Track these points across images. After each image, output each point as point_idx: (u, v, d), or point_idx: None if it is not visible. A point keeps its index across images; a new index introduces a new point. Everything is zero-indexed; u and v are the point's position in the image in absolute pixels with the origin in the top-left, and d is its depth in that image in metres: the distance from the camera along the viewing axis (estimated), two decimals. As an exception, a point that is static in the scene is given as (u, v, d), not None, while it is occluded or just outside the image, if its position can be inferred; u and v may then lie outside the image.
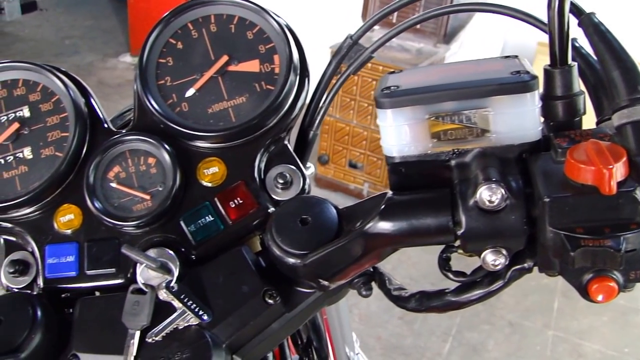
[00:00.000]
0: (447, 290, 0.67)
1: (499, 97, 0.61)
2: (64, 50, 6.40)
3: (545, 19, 0.64)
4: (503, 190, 0.56)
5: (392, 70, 0.74)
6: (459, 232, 0.58)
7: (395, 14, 0.81)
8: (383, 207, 0.62)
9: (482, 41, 4.12)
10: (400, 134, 0.63)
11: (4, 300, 0.71)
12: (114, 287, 0.75)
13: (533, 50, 3.70)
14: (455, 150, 0.63)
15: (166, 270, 0.68)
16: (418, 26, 3.14)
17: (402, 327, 3.08)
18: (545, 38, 0.63)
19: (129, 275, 0.74)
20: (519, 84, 0.60)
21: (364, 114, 3.75)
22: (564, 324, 3.13)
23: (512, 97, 0.61)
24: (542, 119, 0.64)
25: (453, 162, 0.63)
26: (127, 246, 0.67)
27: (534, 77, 0.61)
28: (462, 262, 0.65)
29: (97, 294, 0.77)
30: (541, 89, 0.64)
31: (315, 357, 1.02)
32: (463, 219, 0.58)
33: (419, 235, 0.61)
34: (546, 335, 3.07)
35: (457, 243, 0.61)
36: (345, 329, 1.10)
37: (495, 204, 0.57)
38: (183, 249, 0.75)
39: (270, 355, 0.89)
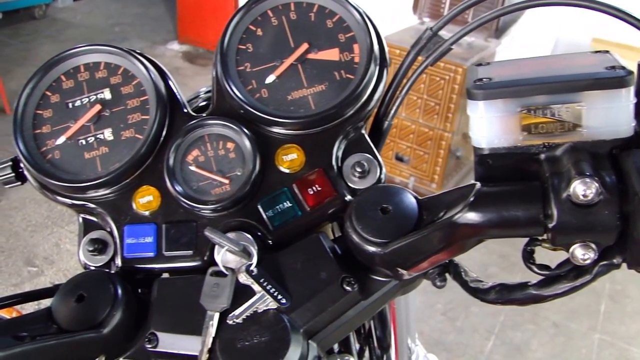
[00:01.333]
0: (529, 283, 0.66)
1: (593, 92, 0.60)
2: (114, 37, 6.49)
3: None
4: (597, 185, 0.56)
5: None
6: (550, 225, 0.58)
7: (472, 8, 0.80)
8: (473, 197, 0.61)
9: (533, 37, 4.06)
10: (490, 126, 0.63)
11: (87, 277, 0.73)
12: (190, 269, 0.76)
13: (587, 47, 3.64)
14: (546, 144, 0.62)
15: (247, 254, 0.69)
16: (469, 19, 3.12)
17: (445, 323, 3.06)
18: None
19: (205, 258, 0.75)
20: (615, 79, 0.59)
21: (412, 107, 3.73)
22: (611, 328, 3.08)
23: (607, 92, 0.60)
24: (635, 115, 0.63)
25: (543, 156, 0.62)
26: (211, 229, 0.68)
27: (630, 73, 0.59)
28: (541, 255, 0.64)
29: (165, 275, 0.78)
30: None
31: (376, 346, 1.02)
32: (555, 212, 0.57)
33: (508, 226, 0.60)
34: (592, 338, 3.02)
35: (544, 236, 0.61)
36: (410, 319, 1.10)
37: (589, 198, 0.56)
38: (259, 234, 0.75)
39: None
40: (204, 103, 0.89)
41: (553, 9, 2.96)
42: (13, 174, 0.83)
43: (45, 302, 0.76)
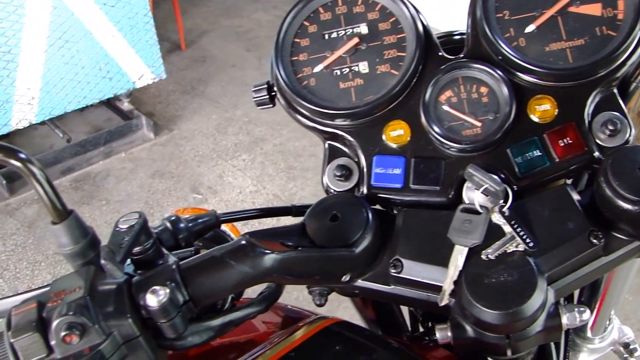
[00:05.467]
0: None
1: None
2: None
3: None
4: None
5: None
6: None
7: None
8: None
9: None
10: None
11: (341, 199, 0.77)
12: (433, 205, 0.78)
13: None
14: None
15: (501, 195, 0.71)
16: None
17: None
18: None
19: (450, 196, 0.78)
20: None
21: None
22: None
23: None
24: None
25: None
26: (473, 166, 0.70)
27: None
28: None
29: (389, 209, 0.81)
30: None
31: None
32: None
33: None
34: None
35: None
36: (623, 289, 1.08)
37: None
38: (504, 178, 0.77)
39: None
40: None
41: None
42: (267, 96, 0.89)
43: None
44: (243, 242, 0.69)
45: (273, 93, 0.89)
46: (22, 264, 3.22)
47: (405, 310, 1.08)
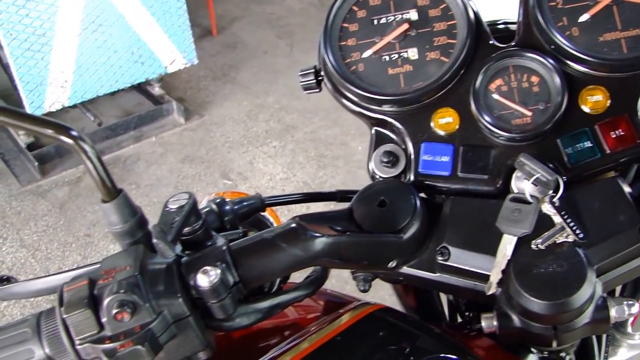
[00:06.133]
0: None
1: None
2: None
3: None
4: None
5: None
6: None
7: None
8: None
9: None
10: None
11: (389, 185, 0.77)
12: (481, 193, 0.78)
13: None
14: None
15: (552, 185, 0.70)
16: None
17: None
18: None
19: (498, 185, 0.77)
20: None
21: None
22: None
23: None
24: None
25: None
26: (526, 155, 0.69)
27: None
28: None
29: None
30: None
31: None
32: None
33: None
34: None
35: None
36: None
37: None
38: (553, 168, 0.76)
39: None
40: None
41: None
42: (314, 81, 0.89)
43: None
44: (294, 225, 0.69)
45: (320, 77, 0.89)
46: (53, 244, 3.27)
47: (443, 299, 1.08)
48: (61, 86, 3.58)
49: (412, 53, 0.83)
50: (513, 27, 0.85)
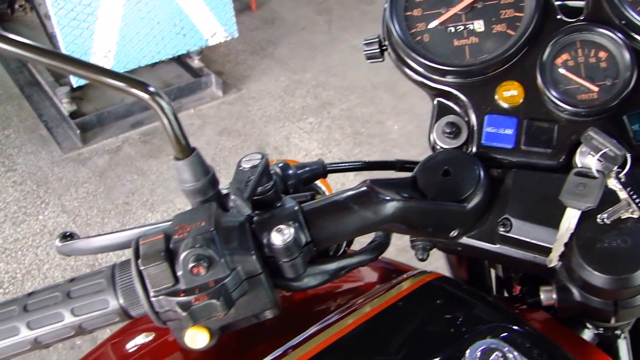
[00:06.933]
0: None
1: None
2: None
3: None
4: None
5: None
6: None
7: None
8: None
9: None
10: None
11: (453, 155, 0.78)
12: (544, 167, 0.78)
13: None
14: None
15: (620, 160, 0.70)
16: None
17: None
18: None
19: (561, 160, 0.77)
20: None
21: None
22: None
23: None
24: None
25: None
26: (595, 129, 0.69)
27: None
28: None
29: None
30: None
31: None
32: None
33: None
34: None
35: None
36: None
37: None
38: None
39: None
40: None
41: None
42: (378, 50, 0.89)
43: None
44: (365, 188, 0.70)
45: (384, 47, 0.89)
46: (92, 211, 3.33)
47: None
48: (105, 56, 3.62)
49: (478, 25, 0.83)
50: (581, 3, 0.85)
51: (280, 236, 0.64)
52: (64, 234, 0.88)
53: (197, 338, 0.65)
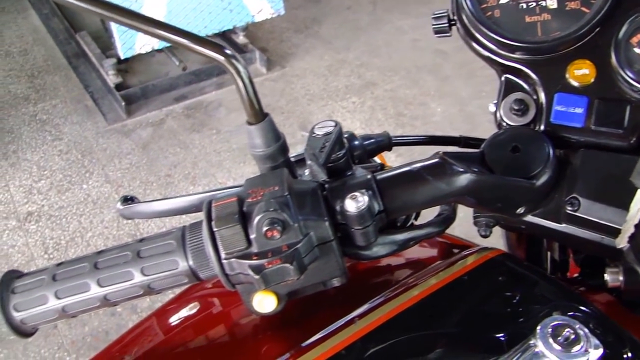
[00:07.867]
0: None
1: None
2: None
3: None
4: None
5: None
6: None
7: None
8: None
9: None
10: None
11: (522, 132, 0.77)
12: (614, 148, 0.77)
13: None
14: None
15: None
16: None
17: None
18: None
19: (632, 141, 0.76)
20: None
21: None
22: None
23: None
24: None
25: None
26: None
27: None
28: None
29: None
30: None
31: None
32: None
33: None
34: None
35: None
36: None
37: None
38: None
39: None
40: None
41: None
42: (447, 24, 0.89)
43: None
44: (439, 159, 0.70)
45: (452, 22, 0.89)
46: (135, 182, 3.38)
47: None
48: (151, 29, 3.65)
49: (551, 2, 0.82)
50: None
51: (354, 203, 0.64)
52: (125, 197, 0.89)
53: (265, 302, 0.65)
